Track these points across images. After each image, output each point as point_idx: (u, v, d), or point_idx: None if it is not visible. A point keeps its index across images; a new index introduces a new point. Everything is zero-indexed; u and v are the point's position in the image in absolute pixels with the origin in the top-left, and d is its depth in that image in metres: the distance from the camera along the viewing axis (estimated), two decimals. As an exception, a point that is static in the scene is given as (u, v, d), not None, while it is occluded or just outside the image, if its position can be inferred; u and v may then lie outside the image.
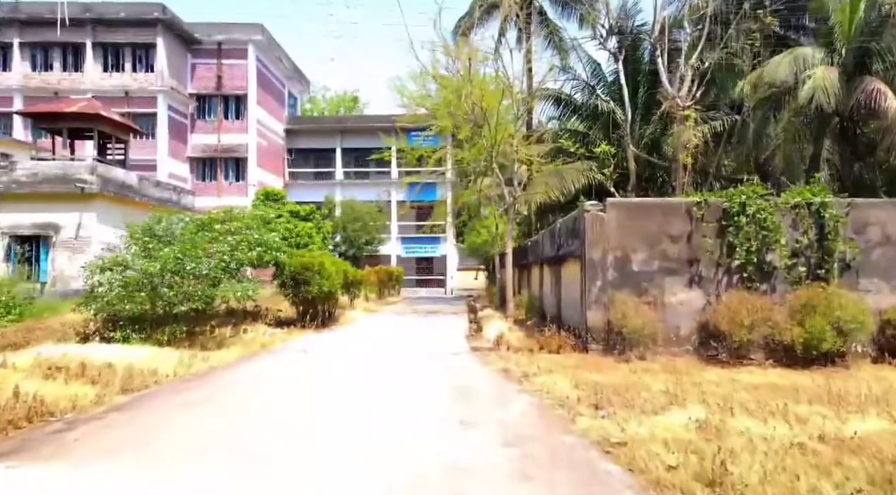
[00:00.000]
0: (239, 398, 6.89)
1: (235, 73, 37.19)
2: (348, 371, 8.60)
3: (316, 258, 14.06)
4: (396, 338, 13.53)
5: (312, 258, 14.01)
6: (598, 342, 9.86)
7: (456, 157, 23.81)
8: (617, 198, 11.32)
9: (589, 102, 24.27)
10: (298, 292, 13.60)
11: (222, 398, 6.81)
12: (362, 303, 23.23)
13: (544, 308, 16.13)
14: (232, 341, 12.06)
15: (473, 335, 16.03)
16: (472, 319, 22.09)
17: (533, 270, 19.11)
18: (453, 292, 42.59)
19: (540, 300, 16.54)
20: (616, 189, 20.43)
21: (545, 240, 16.11)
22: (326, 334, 13.59)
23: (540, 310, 16.31)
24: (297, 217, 32.03)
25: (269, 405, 6.43)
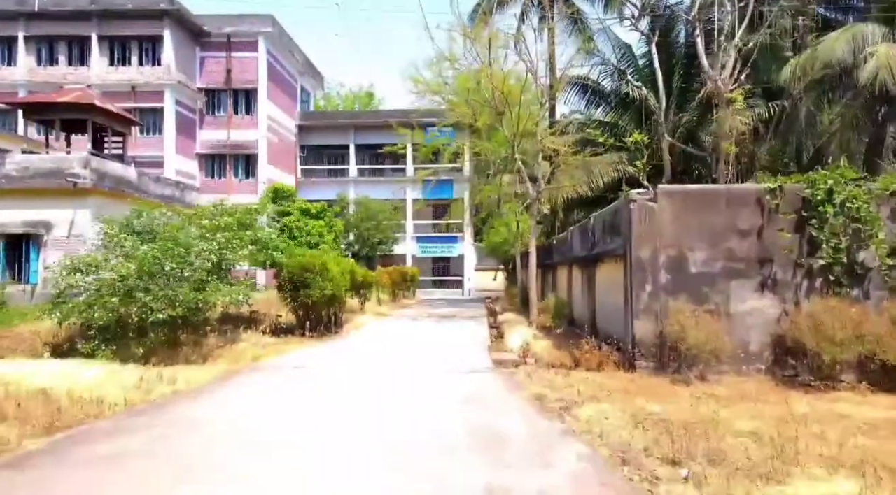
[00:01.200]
0: (183, 450, 5.05)
1: (245, 67, 35.90)
2: (341, 400, 6.96)
3: (317, 258, 12.53)
4: (406, 349, 11.93)
5: (313, 258, 12.47)
6: (647, 358, 8.17)
7: (474, 150, 22.15)
8: (669, 184, 9.57)
9: (618, 89, 22.49)
10: (297, 296, 12.07)
11: (161, 450, 5.01)
12: (374, 306, 21.70)
13: (574, 314, 14.44)
14: (220, 353, 10.58)
15: (495, 343, 14.42)
16: (491, 323, 20.46)
17: (559, 271, 17.41)
18: (471, 294, 40.95)
19: (569, 305, 14.85)
20: (649, 183, 18.67)
21: (575, 238, 14.42)
22: (329, 344, 12.03)
23: (569, 316, 14.62)
24: (307, 215, 30.63)
25: (220, 465, 4.65)
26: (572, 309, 14.58)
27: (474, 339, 13.97)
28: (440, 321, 19.05)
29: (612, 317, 9.88)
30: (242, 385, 7.78)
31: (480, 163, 26.38)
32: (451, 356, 10.99)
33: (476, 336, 14.72)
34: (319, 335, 12.63)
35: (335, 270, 13.16)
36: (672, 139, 19.69)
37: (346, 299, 15.97)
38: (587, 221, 12.39)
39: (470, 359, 10.63)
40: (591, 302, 11.90)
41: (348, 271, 14.62)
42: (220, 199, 12.38)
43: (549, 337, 13.68)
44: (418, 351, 11.63)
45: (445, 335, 14.76)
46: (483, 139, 21.60)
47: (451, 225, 41.19)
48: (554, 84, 17.88)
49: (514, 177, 25.26)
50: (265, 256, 12.23)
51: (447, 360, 10.33)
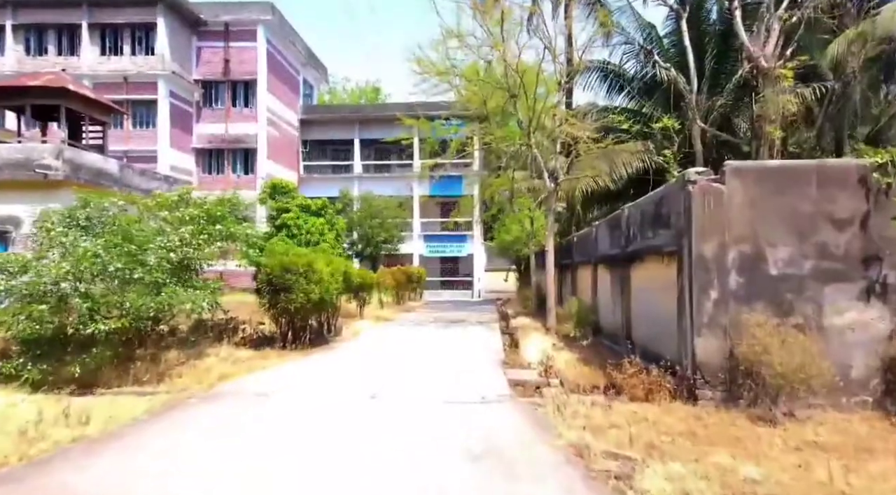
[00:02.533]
0: None
1: (244, 57, 34.23)
2: (298, 452, 5.03)
3: (301, 257, 10.68)
4: (404, 364, 10.03)
5: (297, 257, 10.63)
6: (712, 386, 6.26)
7: (483, 140, 20.24)
8: (741, 161, 7.55)
9: (642, 73, 20.54)
10: (277, 302, 10.23)
11: None
12: (374, 309, 19.87)
13: (600, 321, 12.53)
14: (181, 371, 8.77)
15: (509, 355, 12.55)
16: (504, 329, 18.56)
17: (580, 272, 15.49)
18: (480, 295, 39.06)
19: (593, 311, 12.93)
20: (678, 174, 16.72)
21: (601, 234, 12.52)
22: (313, 359, 10.15)
23: (594, 323, 12.70)
24: (307, 212, 28.86)
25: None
26: (598, 316, 12.67)
27: (486, 350, 12.11)
28: (447, 327, 17.18)
29: (657, 330, 7.96)
30: (177, 425, 5.87)
31: (490, 154, 24.44)
32: (457, 374, 9.11)
33: (487, 345, 12.85)
34: (304, 346, 10.80)
35: (324, 271, 11.33)
36: (705, 125, 17.71)
37: (339, 303, 14.15)
38: (619, 213, 10.49)
39: (481, 379, 8.75)
40: (624, 309, 9.99)
41: (341, 272, 12.78)
42: (185, 188, 10.62)
43: (573, 348, 11.81)
44: (418, 367, 9.75)
45: (452, 344, 12.89)
46: (493, 127, 19.70)
47: (460, 223, 39.30)
48: (572, 58, 15.90)
49: (528, 172, 23.41)
50: (240, 255, 10.44)
51: (453, 383, 8.46)
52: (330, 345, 11.95)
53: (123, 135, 31.14)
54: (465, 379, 8.74)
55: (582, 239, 15.50)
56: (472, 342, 13.42)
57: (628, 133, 18.70)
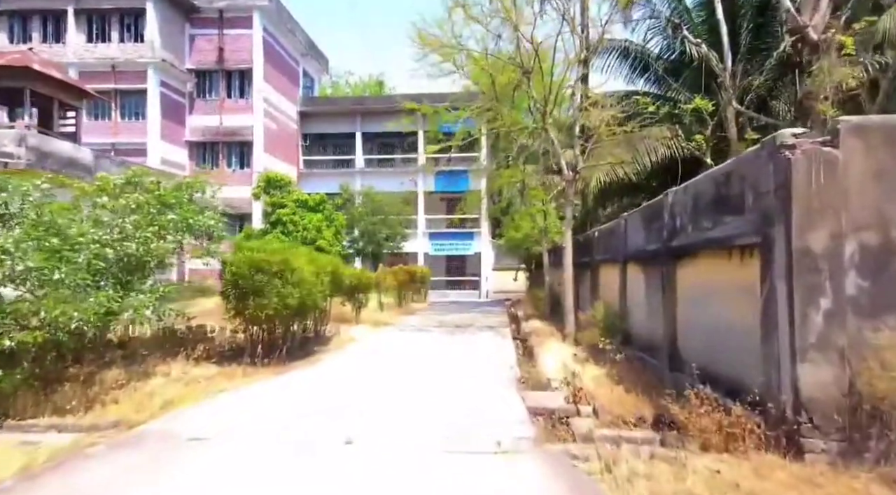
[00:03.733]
0: None
1: (239, 45, 32.53)
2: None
3: (276, 254, 8.87)
4: (398, 386, 8.18)
5: (272, 254, 8.83)
6: (826, 434, 4.42)
7: (491, 125, 18.36)
8: (863, 117, 5.66)
9: (670, 51, 18.65)
10: (244, 308, 8.43)
11: None
12: (373, 313, 18.08)
13: (631, 330, 10.66)
14: (118, 396, 7.03)
15: (524, 367, 10.77)
16: (515, 334, 16.74)
17: (604, 272, 13.63)
18: (488, 295, 37.22)
19: (622, 317, 11.05)
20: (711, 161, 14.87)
21: (633, 227, 10.66)
22: (287, 378, 8.30)
23: (623, 332, 10.84)
24: (304, 207, 27.13)
25: None
26: (628, 323, 10.80)
27: (497, 362, 10.31)
28: (452, 332, 15.37)
29: (723, 347, 6.12)
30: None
31: (498, 147, 22.61)
32: (463, 399, 7.31)
33: (498, 356, 11.05)
34: (280, 361, 9.00)
35: (306, 270, 9.55)
36: (741, 106, 15.79)
37: (329, 307, 12.39)
38: (660, 201, 8.63)
39: (493, 405, 6.96)
40: (667, 316, 8.13)
41: (328, 271, 11.00)
42: (138, 169, 8.85)
43: (599, 361, 10.00)
44: (415, 388, 7.93)
45: (458, 355, 11.08)
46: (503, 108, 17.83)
47: (467, 220, 37.45)
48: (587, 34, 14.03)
49: (538, 166, 21.53)
50: (198, 251, 8.69)
51: (457, 410, 6.65)
52: (313, 357, 10.15)
53: (111, 127, 29.56)
54: (472, 405, 6.93)
55: (605, 234, 13.64)
56: (480, 352, 11.61)
57: (655, 116, 16.84)
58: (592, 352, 11.11)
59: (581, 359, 10.95)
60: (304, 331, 11.56)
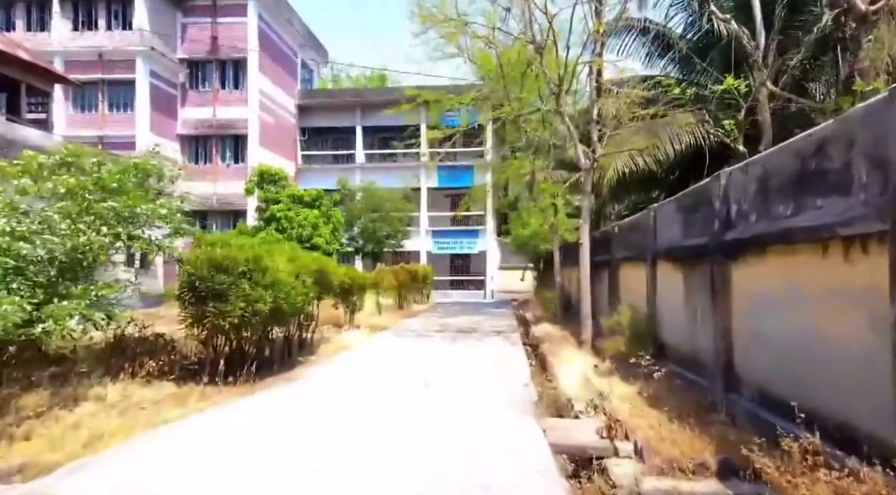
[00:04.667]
0: None
1: (234, 34, 31.09)
2: None
3: (245, 250, 7.37)
4: (387, 414, 6.62)
5: (238, 250, 7.32)
6: None
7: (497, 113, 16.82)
8: None
9: (694, 29, 17.10)
10: (203, 315, 6.93)
11: None
12: (370, 316, 16.61)
13: (664, 339, 9.15)
14: (31, 429, 5.57)
15: (537, 379, 9.34)
16: (525, 339, 15.23)
17: (626, 272, 12.11)
18: (493, 296, 35.71)
19: (652, 324, 9.53)
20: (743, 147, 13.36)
21: (665, 219, 9.16)
22: (252, 404, 6.67)
23: (654, 340, 9.32)
24: (299, 203, 25.70)
25: None
26: (659, 331, 9.29)
27: (508, 377, 8.82)
28: (456, 338, 13.88)
29: (814, 372, 4.61)
30: None
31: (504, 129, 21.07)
32: (469, 433, 5.81)
33: (510, 369, 9.56)
34: (249, 378, 7.50)
35: (282, 269, 8.07)
36: (776, 88, 14.23)
37: (315, 311, 10.92)
38: (706, 185, 7.12)
39: (507, 443, 5.46)
40: (720, 327, 6.61)
41: (313, 271, 9.52)
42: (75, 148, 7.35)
43: (626, 374, 8.54)
44: (407, 417, 6.42)
45: (462, 369, 9.58)
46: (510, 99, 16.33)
47: (472, 217, 35.93)
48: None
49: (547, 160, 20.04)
50: (142, 244, 7.22)
51: (458, 452, 5.16)
52: (291, 372, 8.65)
53: (98, 119, 28.19)
54: (478, 446, 5.42)
55: (627, 229, 12.12)
56: (488, 364, 10.10)
57: (680, 99, 15.31)
58: (616, 364, 9.62)
59: (604, 372, 9.48)
60: (286, 338, 10.11)
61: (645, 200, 20.51)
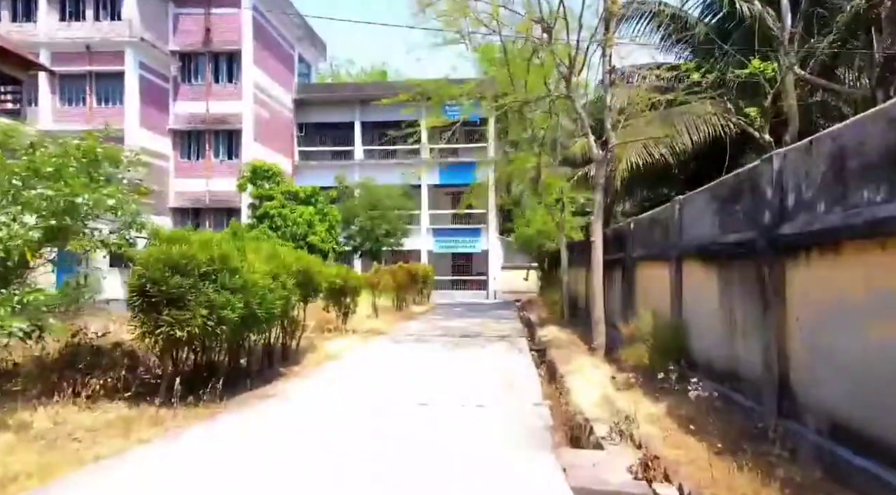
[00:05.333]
0: None
1: (227, 26, 30.03)
2: None
3: (208, 246, 6.27)
4: (375, 449, 5.43)
5: (201, 246, 6.22)
6: None
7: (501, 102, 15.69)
8: None
9: (713, 13, 15.97)
10: (157, 325, 5.83)
11: None
12: (365, 320, 15.53)
13: (691, 349, 8.04)
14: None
15: (546, 388, 8.30)
16: (531, 345, 14.13)
17: (644, 272, 11.01)
18: (496, 296, 34.62)
19: (677, 332, 8.42)
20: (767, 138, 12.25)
21: (694, 212, 8.06)
22: (211, 431, 5.46)
23: (681, 350, 8.21)
24: (293, 200, 24.62)
25: None
26: (687, 340, 8.17)
27: (515, 394, 7.72)
28: (458, 344, 12.79)
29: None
30: None
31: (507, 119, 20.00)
32: (470, 473, 4.71)
33: (520, 384, 8.47)
34: (213, 397, 6.41)
35: (259, 270, 7.00)
36: (804, 72, 13.11)
37: (300, 316, 9.84)
38: (756, 168, 6.02)
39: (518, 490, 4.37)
40: (771, 339, 5.51)
41: (295, 271, 8.44)
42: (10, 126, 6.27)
43: (649, 388, 7.49)
44: (399, 453, 5.28)
45: (465, 383, 8.47)
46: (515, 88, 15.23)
47: (474, 215, 34.83)
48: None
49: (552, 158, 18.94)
50: (78, 244, 6.11)
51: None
52: (267, 388, 7.56)
53: (85, 113, 27.15)
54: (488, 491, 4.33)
55: (646, 225, 11.01)
56: (494, 376, 9.00)
57: (699, 85, 14.20)
58: (636, 376, 8.54)
59: (623, 385, 8.41)
60: (266, 347, 9.04)
61: (656, 197, 19.40)
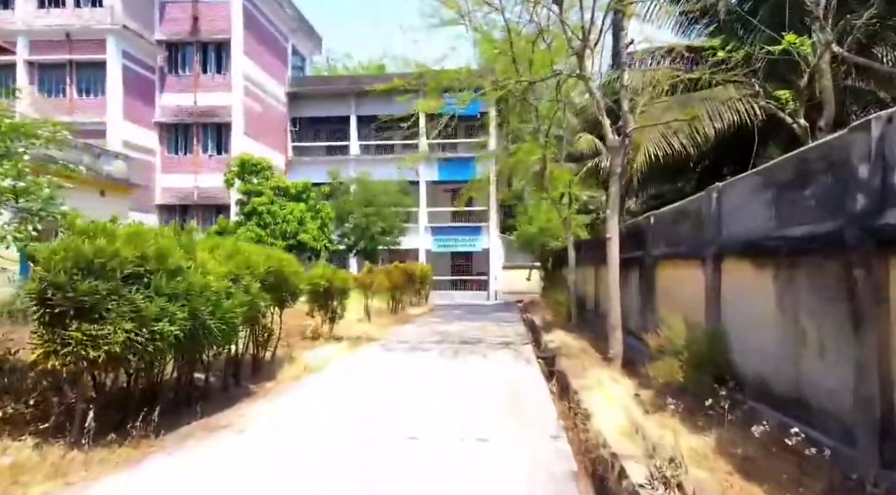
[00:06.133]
0: None
1: (216, 14, 28.70)
2: None
3: (140, 241, 4.94)
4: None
5: (128, 240, 4.90)
6: None
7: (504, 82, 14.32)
8: None
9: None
10: (65, 342, 4.49)
11: None
12: (356, 324, 14.20)
13: (735, 365, 6.70)
14: None
15: (560, 406, 7.03)
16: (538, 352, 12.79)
17: (668, 272, 9.68)
18: (497, 297, 33.30)
19: (715, 344, 7.08)
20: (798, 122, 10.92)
21: (736, 200, 6.74)
22: (139, 480, 4.37)
23: (722, 366, 6.87)
24: (284, 196, 23.31)
25: None
26: (729, 353, 6.84)
27: (526, 422, 6.39)
28: (456, 354, 11.44)
29: None
30: None
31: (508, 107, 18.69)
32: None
33: (527, 406, 7.14)
34: (147, 433, 5.08)
35: (214, 271, 5.68)
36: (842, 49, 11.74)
37: (275, 322, 8.51)
38: (834, 142, 4.72)
39: None
40: (867, 362, 4.20)
41: (262, 272, 7.11)
42: None
43: (688, 413, 6.18)
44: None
45: (462, 407, 7.13)
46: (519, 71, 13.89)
47: (474, 213, 33.52)
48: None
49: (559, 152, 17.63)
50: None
51: None
52: (224, 414, 6.21)
53: (66, 105, 25.80)
54: None
55: (671, 218, 9.67)
56: (498, 397, 7.65)
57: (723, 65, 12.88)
58: (666, 395, 7.23)
59: (652, 405, 7.11)
60: (233, 360, 7.72)
61: (667, 192, 18.15)
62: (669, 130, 13.20)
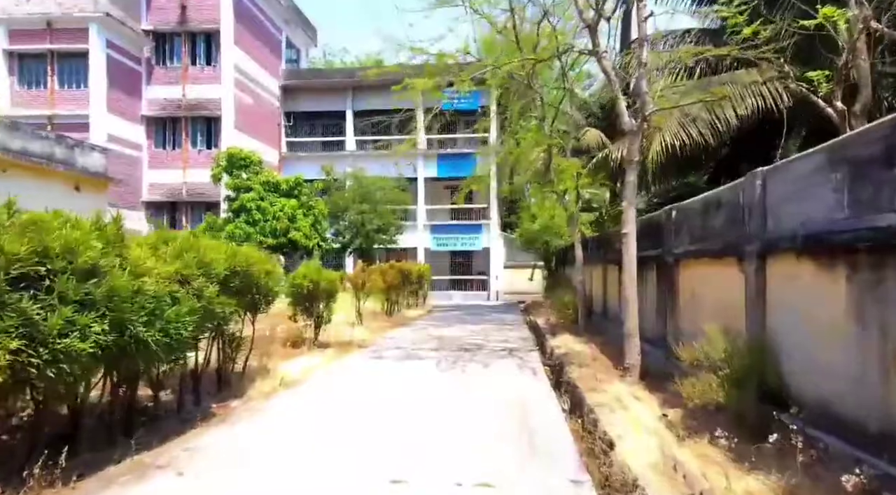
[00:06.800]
0: None
1: (205, 3, 27.56)
2: None
3: (43, 231, 3.83)
4: None
5: (25, 230, 3.80)
6: None
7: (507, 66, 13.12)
8: None
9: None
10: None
11: None
12: (346, 327, 13.06)
13: (786, 383, 5.55)
14: None
15: (574, 427, 5.92)
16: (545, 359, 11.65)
17: (693, 272, 8.52)
18: (498, 297, 32.17)
19: (762, 356, 5.93)
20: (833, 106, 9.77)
21: (787, 187, 5.58)
22: None
23: (769, 385, 5.72)
24: (274, 191, 22.16)
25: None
26: (778, 368, 5.69)
27: (536, 457, 5.23)
28: (454, 363, 10.29)
29: None
30: None
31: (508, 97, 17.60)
32: None
33: (538, 430, 5.99)
34: (51, 482, 3.96)
35: (153, 271, 4.56)
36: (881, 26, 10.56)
37: (240, 334, 7.37)
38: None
39: None
40: None
41: (222, 272, 5.98)
42: None
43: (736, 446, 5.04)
44: None
45: (459, 435, 5.97)
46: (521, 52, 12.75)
47: (475, 211, 32.43)
48: None
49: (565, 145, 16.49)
50: None
51: None
52: (162, 450, 5.05)
53: (47, 97, 24.69)
54: None
55: (698, 211, 8.51)
56: (501, 420, 6.47)
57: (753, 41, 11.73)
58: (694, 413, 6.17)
59: (685, 429, 6.01)
60: (192, 375, 6.59)
61: (675, 189, 17.05)
62: (688, 118, 12.09)
